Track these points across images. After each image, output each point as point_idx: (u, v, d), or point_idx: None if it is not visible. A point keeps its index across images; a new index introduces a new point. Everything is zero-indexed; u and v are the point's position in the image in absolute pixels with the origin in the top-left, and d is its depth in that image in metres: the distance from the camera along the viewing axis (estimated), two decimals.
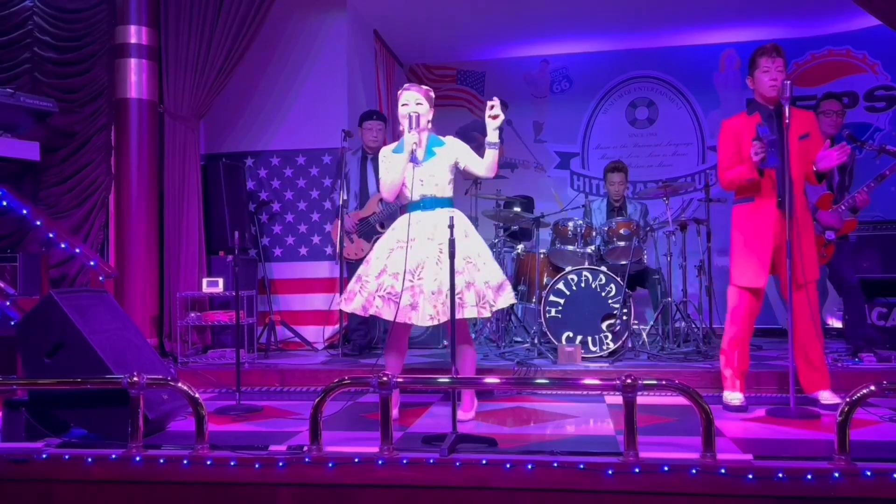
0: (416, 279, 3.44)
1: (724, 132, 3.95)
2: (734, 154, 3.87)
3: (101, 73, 5.42)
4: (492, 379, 3.83)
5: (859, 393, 2.62)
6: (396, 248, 3.53)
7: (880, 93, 7.20)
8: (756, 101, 3.92)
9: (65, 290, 3.91)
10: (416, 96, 3.62)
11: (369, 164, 5.51)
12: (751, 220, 3.85)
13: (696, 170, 7.60)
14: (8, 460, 2.96)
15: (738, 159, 3.85)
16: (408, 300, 3.44)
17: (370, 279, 3.54)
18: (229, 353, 5.24)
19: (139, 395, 2.96)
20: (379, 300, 3.48)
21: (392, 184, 3.58)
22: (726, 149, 3.91)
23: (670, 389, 2.92)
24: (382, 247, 3.62)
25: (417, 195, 3.57)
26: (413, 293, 3.44)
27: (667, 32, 7.40)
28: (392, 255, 3.53)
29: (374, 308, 3.50)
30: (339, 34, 6.26)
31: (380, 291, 3.49)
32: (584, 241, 5.45)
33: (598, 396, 4.27)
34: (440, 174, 3.60)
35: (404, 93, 3.66)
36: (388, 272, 3.50)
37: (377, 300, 3.49)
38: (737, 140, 3.87)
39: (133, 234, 5.42)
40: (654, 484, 2.59)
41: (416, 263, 3.46)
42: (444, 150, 3.64)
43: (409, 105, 3.61)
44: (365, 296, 3.53)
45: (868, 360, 4.66)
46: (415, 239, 3.49)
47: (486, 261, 3.58)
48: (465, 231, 3.58)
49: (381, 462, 2.75)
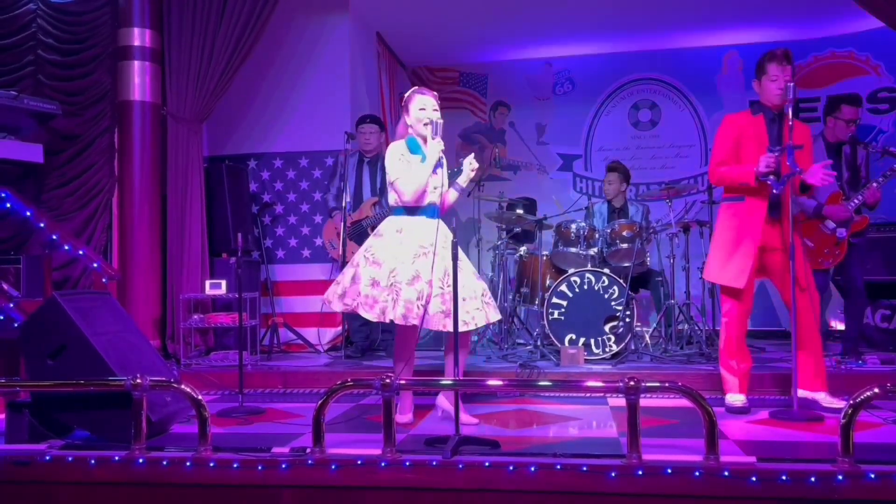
0: (445, 286, 3.41)
1: (726, 127, 3.90)
2: (731, 150, 3.84)
3: (105, 75, 5.44)
4: (495, 381, 3.82)
5: (863, 395, 2.61)
6: (422, 255, 3.45)
7: (884, 95, 7.19)
8: (760, 102, 3.90)
9: (68, 293, 3.91)
10: (433, 102, 3.60)
11: (365, 168, 5.53)
12: (739, 219, 3.82)
13: (699, 172, 7.59)
14: (11, 462, 2.96)
15: (735, 157, 3.83)
16: (440, 307, 3.40)
17: (401, 286, 3.41)
18: (232, 355, 5.24)
19: (142, 398, 2.96)
20: (420, 309, 3.39)
21: (419, 186, 3.51)
22: (724, 143, 3.87)
23: (673, 391, 2.92)
24: (401, 250, 3.48)
25: (427, 201, 3.56)
26: (444, 300, 3.40)
27: (669, 34, 7.40)
28: (419, 261, 3.45)
29: (414, 318, 3.39)
30: (342, 37, 6.26)
31: (421, 300, 3.39)
32: (587, 243, 5.45)
33: (600, 398, 4.26)
34: (444, 182, 3.62)
35: (419, 96, 3.61)
36: (424, 279, 3.41)
37: (417, 308, 3.39)
38: (737, 138, 3.84)
39: (136, 237, 5.42)
40: (657, 486, 2.59)
41: (442, 270, 3.44)
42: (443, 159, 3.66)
43: (427, 110, 3.57)
44: (402, 304, 3.39)
45: (871, 361, 4.64)
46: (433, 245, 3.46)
47: None
48: None
49: (384, 464, 2.75)
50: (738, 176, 3.77)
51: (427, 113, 3.56)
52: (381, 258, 3.51)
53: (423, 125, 3.57)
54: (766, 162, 3.64)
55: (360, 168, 5.54)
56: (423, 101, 3.59)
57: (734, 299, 3.85)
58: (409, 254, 3.47)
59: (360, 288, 3.51)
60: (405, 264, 3.45)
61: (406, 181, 3.52)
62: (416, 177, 3.52)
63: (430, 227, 3.51)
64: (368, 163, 5.53)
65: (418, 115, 3.58)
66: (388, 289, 3.44)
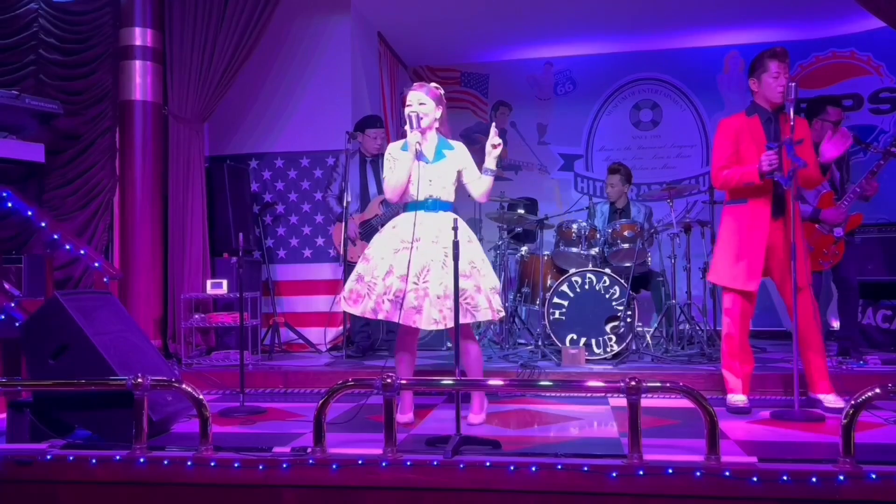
0: (420, 282, 3.41)
1: (723, 131, 3.91)
2: (731, 154, 3.84)
3: (106, 75, 5.44)
4: (495, 381, 3.82)
5: (864, 395, 2.61)
6: (402, 249, 3.47)
7: (885, 95, 7.19)
8: (756, 103, 3.89)
9: (69, 292, 3.91)
10: (419, 96, 3.59)
11: (369, 168, 5.54)
12: (744, 222, 3.82)
13: (700, 172, 7.59)
14: (12, 461, 2.96)
15: (735, 159, 3.82)
16: (412, 303, 3.41)
17: (377, 280, 3.48)
18: (233, 354, 5.24)
19: (143, 397, 2.96)
20: (388, 303, 3.43)
21: (397, 182, 3.52)
22: (723, 148, 3.87)
23: (674, 392, 2.92)
24: (384, 245, 3.54)
25: (424, 195, 3.53)
26: (418, 296, 3.40)
27: (671, 34, 7.40)
28: (397, 256, 3.47)
29: (384, 312, 3.45)
30: (343, 36, 6.27)
31: (388, 294, 3.43)
32: (588, 243, 5.45)
33: (601, 399, 4.26)
34: (447, 177, 3.58)
35: (409, 93, 3.63)
36: (395, 274, 3.44)
37: (386, 303, 3.44)
38: (735, 140, 3.84)
39: (137, 236, 5.43)
40: (658, 486, 2.59)
41: (420, 266, 3.42)
42: (453, 155, 3.62)
43: (412, 105, 3.58)
44: (374, 298, 3.47)
45: (872, 362, 4.65)
46: (419, 240, 3.45)
47: (488, 266, 3.63)
48: (469, 237, 3.57)
49: (385, 464, 2.75)
50: (741, 177, 3.75)
51: (411, 108, 3.57)
52: (370, 254, 3.58)
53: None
54: (768, 160, 3.64)
55: (364, 168, 5.54)
56: (410, 98, 3.61)
57: (739, 301, 3.84)
58: (389, 248, 3.51)
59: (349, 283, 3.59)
60: (385, 259, 3.49)
61: (387, 179, 3.59)
62: (392, 171, 3.55)
63: (428, 221, 3.49)
64: (372, 162, 5.53)
65: (405, 112, 3.60)
66: (368, 284, 3.50)
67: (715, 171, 3.90)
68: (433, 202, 3.55)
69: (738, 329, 3.86)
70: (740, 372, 3.87)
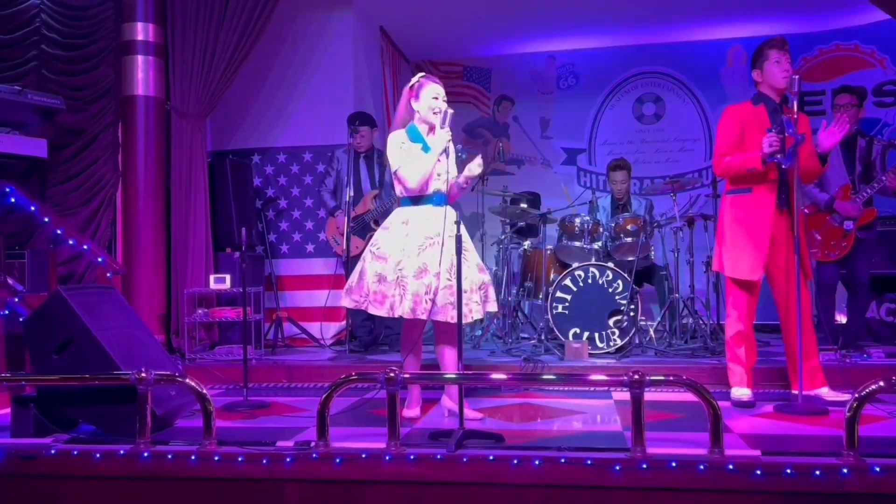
0: (453, 277, 3.34)
1: (728, 118, 3.88)
2: (735, 141, 3.81)
3: (108, 70, 5.44)
4: (498, 375, 3.82)
5: (868, 389, 2.60)
6: (428, 246, 3.43)
7: (889, 87, 7.15)
8: (761, 93, 3.88)
9: (73, 287, 3.91)
10: (440, 91, 3.58)
11: (362, 163, 5.58)
12: (748, 211, 3.80)
13: (704, 165, 7.56)
14: (16, 456, 2.97)
15: (739, 147, 3.80)
16: (447, 299, 3.38)
17: (407, 280, 3.40)
18: (236, 349, 5.25)
19: (147, 392, 2.97)
20: (428, 303, 3.37)
21: (424, 176, 3.48)
22: (727, 135, 3.85)
23: (678, 385, 2.91)
24: (407, 242, 3.46)
25: (432, 189, 3.53)
26: (451, 292, 3.35)
27: (673, 28, 7.37)
28: (426, 253, 3.43)
29: (423, 311, 3.37)
30: (345, 31, 6.26)
31: (429, 294, 3.38)
32: (591, 237, 5.45)
33: (605, 392, 4.26)
34: (450, 170, 3.58)
35: (432, 84, 3.58)
36: (432, 272, 3.39)
37: (426, 302, 3.37)
38: (741, 128, 3.82)
39: (140, 232, 5.43)
40: (661, 480, 2.59)
41: (450, 262, 3.37)
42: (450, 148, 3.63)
43: (439, 99, 3.55)
44: (409, 298, 3.38)
45: (876, 355, 4.63)
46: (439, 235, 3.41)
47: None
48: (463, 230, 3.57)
49: (388, 458, 2.75)
50: (743, 163, 3.73)
51: (438, 103, 3.54)
52: (386, 252, 3.49)
53: (434, 113, 3.54)
54: (769, 141, 3.61)
55: (357, 163, 5.56)
56: (436, 90, 3.58)
57: (743, 292, 3.83)
58: (414, 246, 3.45)
59: (366, 284, 3.50)
60: (411, 257, 3.43)
61: (409, 169, 3.50)
62: (420, 164, 3.50)
63: (436, 215, 3.46)
64: (364, 158, 5.56)
65: (431, 103, 3.55)
66: (395, 283, 3.43)
67: (717, 158, 3.88)
68: (439, 196, 3.56)
69: (743, 321, 3.84)
70: (746, 365, 3.86)
